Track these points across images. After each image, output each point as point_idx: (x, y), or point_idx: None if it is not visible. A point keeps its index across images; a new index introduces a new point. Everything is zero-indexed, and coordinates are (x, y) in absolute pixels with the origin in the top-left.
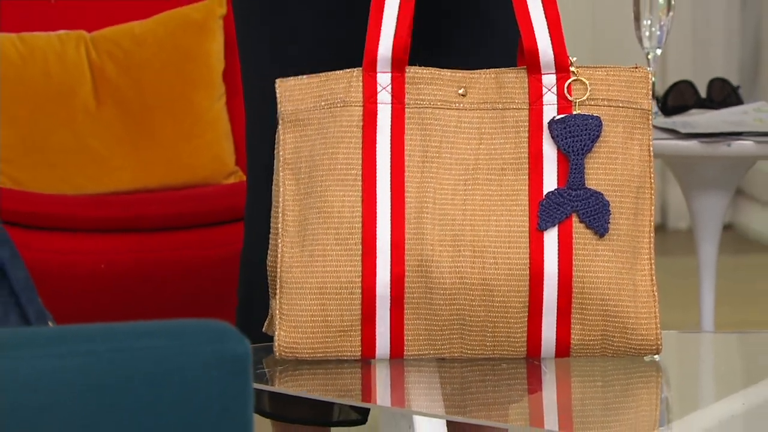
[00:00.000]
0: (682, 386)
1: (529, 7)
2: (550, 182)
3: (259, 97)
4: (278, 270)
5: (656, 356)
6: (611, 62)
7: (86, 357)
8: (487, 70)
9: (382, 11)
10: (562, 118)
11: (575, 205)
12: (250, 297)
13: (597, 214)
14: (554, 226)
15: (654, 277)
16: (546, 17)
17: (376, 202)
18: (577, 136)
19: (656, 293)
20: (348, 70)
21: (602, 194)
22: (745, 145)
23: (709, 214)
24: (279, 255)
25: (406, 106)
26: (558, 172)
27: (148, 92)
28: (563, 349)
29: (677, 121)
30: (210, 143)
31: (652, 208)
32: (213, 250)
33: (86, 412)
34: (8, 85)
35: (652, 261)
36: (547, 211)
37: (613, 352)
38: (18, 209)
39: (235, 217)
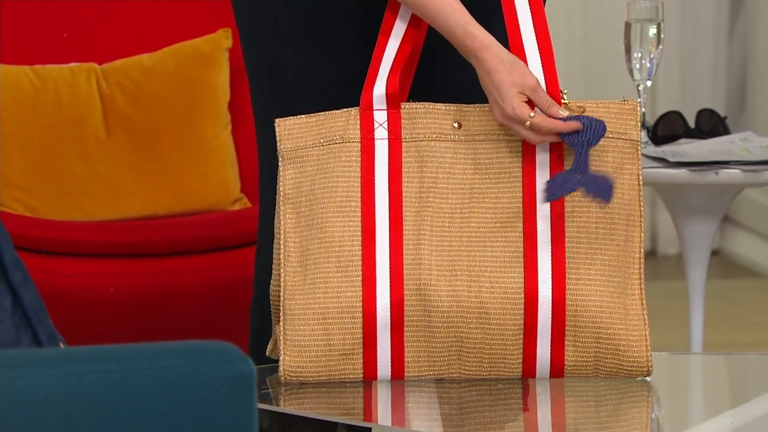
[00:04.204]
0: (672, 406)
1: (523, 40)
2: (543, 204)
3: (271, 135)
4: (282, 297)
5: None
6: (603, 93)
7: (99, 376)
8: (482, 104)
9: (383, 52)
10: (570, 116)
11: (579, 185)
12: (263, 322)
13: (603, 188)
14: (557, 198)
15: (644, 301)
16: (539, 50)
17: (375, 231)
18: (586, 127)
19: (647, 317)
20: (346, 109)
21: (610, 177)
22: (733, 173)
23: (697, 240)
24: (282, 283)
25: (403, 140)
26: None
27: (156, 122)
28: (557, 370)
29: (667, 150)
30: (216, 171)
31: (642, 234)
32: (220, 275)
33: (99, 428)
34: (22, 115)
35: (643, 285)
36: (552, 192)
37: (605, 373)
38: (31, 234)
39: (241, 242)
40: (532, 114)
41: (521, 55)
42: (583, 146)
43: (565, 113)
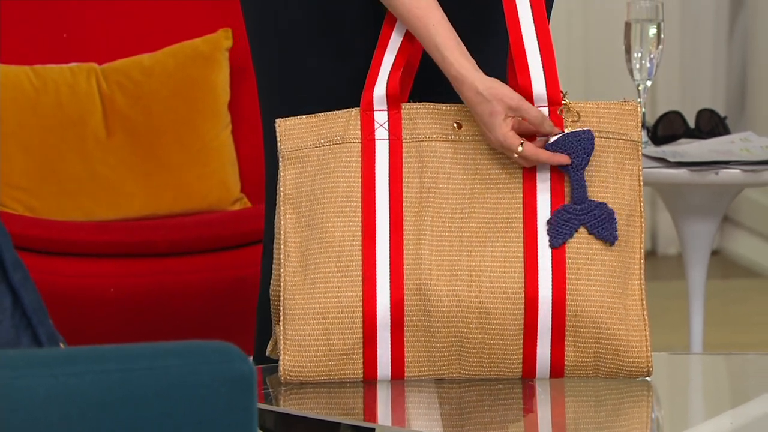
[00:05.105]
0: (672, 406)
1: (523, 40)
2: (543, 204)
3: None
4: (282, 297)
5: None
6: (603, 93)
7: (99, 376)
8: None
9: (384, 52)
10: (556, 139)
11: (582, 219)
12: (268, 322)
13: (604, 224)
14: (565, 241)
15: (644, 302)
16: (540, 50)
17: (375, 231)
18: (573, 153)
19: (647, 317)
20: (346, 110)
21: (606, 204)
22: (733, 173)
23: (697, 240)
24: (282, 283)
25: (404, 140)
26: (551, 193)
27: (156, 122)
28: (557, 370)
29: (667, 150)
30: (216, 171)
31: (642, 235)
32: (220, 275)
33: (99, 428)
34: (22, 115)
35: (643, 286)
36: (556, 228)
37: (605, 373)
38: (31, 234)
39: (241, 242)
40: (520, 148)
41: (521, 55)
42: (576, 171)
43: (555, 130)
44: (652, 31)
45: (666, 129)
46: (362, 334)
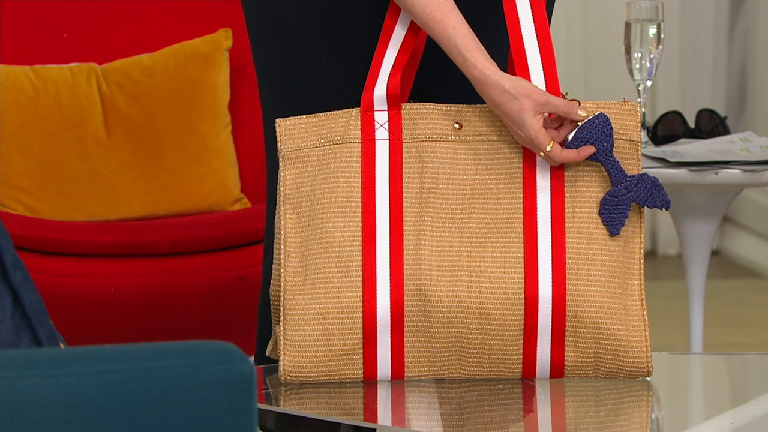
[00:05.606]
0: (672, 406)
1: (524, 40)
2: (543, 204)
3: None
4: (282, 298)
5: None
6: (603, 93)
7: (99, 376)
8: (482, 105)
9: (385, 52)
10: (574, 135)
11: (630, 197)
12: (270, 322)
13: (653, 193)
14: (623, 225)
15: (644, 302)
16: (540, 51)
17: (375, 232)
18: (595, 141)
19: (647, 317)
20: (346, 110)
21: (645, 173)
22: (732, 173)
23: (697, 240)
24: (282, 283)
25: (404, 141)
26: (551, 192)
27: (156, 122)
28: (558, 370)
29: (667, 150)
30: (216, 171)
31: (642, 235)
32: (220, 275)
33: (98, 428)
34: (22, 115)
35: (643, 286)
36: (610, 217)
37: (605, 373)
38: (31, 235)
39: (240, 242)
40: (548, 148)
41: (521, 55)
42: (606, 155)
43: (583, 113)
44: (652, 31)
45: (666, 129)
46: (362, 334)
